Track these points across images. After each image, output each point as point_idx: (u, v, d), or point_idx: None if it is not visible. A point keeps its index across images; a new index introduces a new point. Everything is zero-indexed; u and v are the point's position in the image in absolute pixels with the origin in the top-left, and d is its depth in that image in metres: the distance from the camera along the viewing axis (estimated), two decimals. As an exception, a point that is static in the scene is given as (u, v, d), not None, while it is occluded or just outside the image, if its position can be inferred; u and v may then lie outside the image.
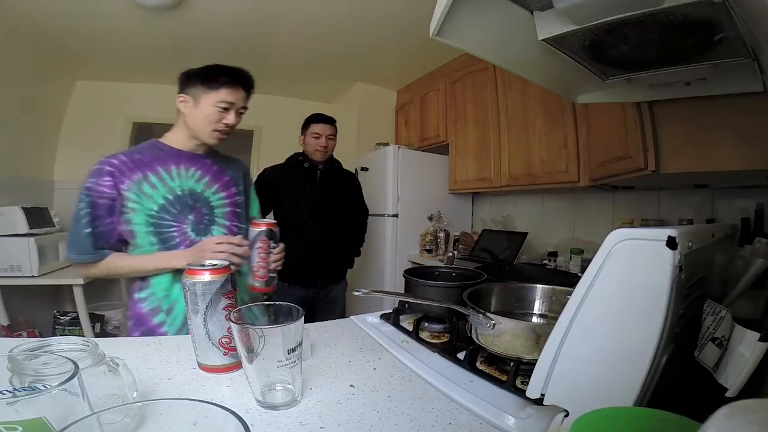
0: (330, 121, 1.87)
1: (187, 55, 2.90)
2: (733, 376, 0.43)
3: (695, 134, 1.21)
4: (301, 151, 1.92)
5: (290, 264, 1.18)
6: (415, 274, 0.87)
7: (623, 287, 0.42)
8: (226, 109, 1.03)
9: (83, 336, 0.94)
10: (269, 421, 0.50)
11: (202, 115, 1.03)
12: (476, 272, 0.97)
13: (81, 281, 2.42)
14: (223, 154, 1.18)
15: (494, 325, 0.61)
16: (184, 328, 0.99)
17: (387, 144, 2.92)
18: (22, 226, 2.32)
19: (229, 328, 0.61)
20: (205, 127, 1.03)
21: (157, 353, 0.71)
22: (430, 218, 2.91)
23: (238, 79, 1.04)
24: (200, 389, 0.59)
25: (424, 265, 1.52)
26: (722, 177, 1.42)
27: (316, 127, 1.83)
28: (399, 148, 2.86)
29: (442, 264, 2.33)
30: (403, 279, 0.91)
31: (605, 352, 0.42)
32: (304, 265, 1.78)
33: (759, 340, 0.42)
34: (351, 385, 0.61)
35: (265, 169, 1.90)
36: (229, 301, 0.65)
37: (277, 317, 0.57)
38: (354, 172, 2.00)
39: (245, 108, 1.09)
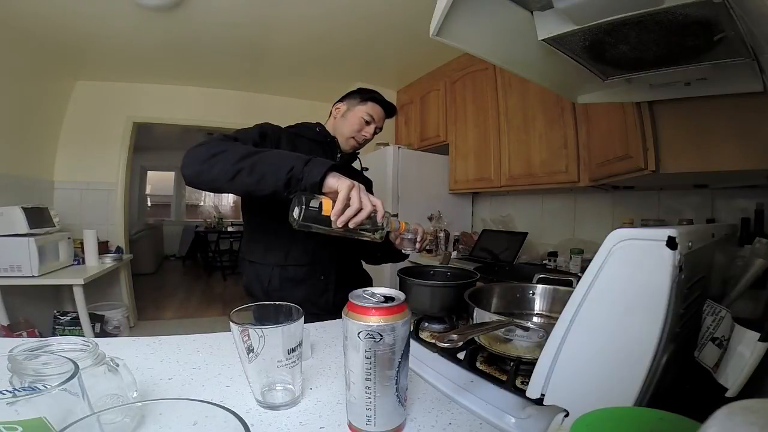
0: (393, 112, 1.31)
1: (187, 55, 2.91)
2: (733, 376, 0.43)
3: (695, 134, 1.21)
4: (319, 123, 1.29)
5: (284, 283, 1.07)
6: (410, 274, 0.86)
7: (623, 287, 0.42)
8: None
9: (83, 336, 0.94)
10: (269, 421, 0.50)
11: None
12: (471, 272, 0.96)
13: (81, 281, 2.43)
14: None
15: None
16: None
17: (387, 144, 2.92)
18: (22, 226, 2.33)
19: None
20: None
21: (157, 353, 0.71)
22: (430, 218, 2.91)
23: None
24: (200, 389, 0.59)
25: (420, 264, 1.51)
26: (722, 177, 1.42)
27: (374, 109, 1.24)
28: (399, 148, 2.87)
29: (439, 264, 2.32)
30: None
31: (605, 352, 0.42)
32: (305, 289, 1.16)
33: (759, 340, 0.42)
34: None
35: (266, 124, 1.15)
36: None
37: (277, 317, 0.57)
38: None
39: None
